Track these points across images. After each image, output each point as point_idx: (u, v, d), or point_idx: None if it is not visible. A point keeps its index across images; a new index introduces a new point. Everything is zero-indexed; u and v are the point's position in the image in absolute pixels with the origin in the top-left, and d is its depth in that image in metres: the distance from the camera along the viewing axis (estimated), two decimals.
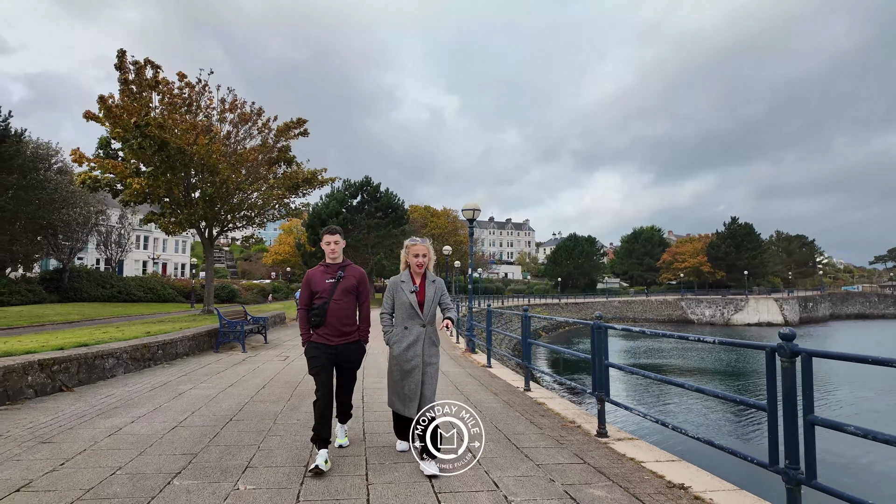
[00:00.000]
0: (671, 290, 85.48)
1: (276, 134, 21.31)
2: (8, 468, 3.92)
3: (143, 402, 6.31)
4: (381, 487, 3.59)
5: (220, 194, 18.59)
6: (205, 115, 20.04)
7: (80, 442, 4.63)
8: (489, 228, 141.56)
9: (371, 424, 5.33)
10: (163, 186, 18.11)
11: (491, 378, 8.47)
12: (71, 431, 4.97)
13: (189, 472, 3.86)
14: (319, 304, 4.07)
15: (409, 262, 4.17)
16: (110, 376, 7.81)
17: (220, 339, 11.73)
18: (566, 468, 4.06)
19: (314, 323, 4.06)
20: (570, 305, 66.95)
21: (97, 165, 18.83)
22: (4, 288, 28.43)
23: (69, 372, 6.90)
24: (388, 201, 45.15)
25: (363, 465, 4.07)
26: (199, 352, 11.15)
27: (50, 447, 4.46)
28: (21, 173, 29.56)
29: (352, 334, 4.16)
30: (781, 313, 68.46)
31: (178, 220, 19.24)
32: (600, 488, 3.62)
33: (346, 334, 4.11)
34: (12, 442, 4.60)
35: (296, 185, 21.00)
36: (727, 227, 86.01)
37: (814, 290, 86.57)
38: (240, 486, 3.60)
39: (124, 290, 38.35)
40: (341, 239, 4.22)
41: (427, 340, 4.07)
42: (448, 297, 4.28)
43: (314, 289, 4.13)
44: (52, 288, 33.89)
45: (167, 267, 73.72)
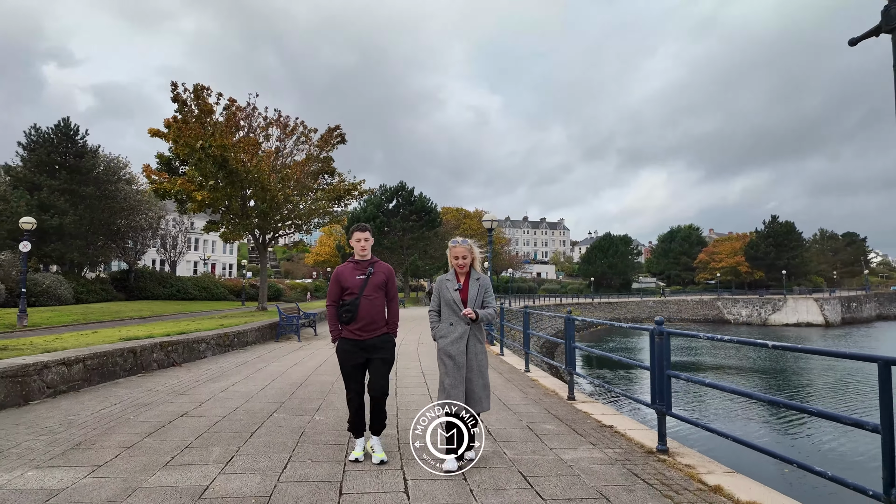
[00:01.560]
0: (708, 290, 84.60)
1: (318, 144, 23.70)
2: (168, 406, 6.11)
3: (234, 374, 8.53)
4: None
5: (272, 207, 21.12)
6: (254, 134, 22.60)
7: (205, 394, 6.83)
8: (523, 228, 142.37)
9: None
10: (222, 199, 20.76)
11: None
12: (195, 389, 7.18)
13: (281, 410, 5.96)
14: (350, 301, 4.11)
15: (452, 263, 4.28)
16: (203, 357, 10.13)
17: (279, 330, 14.08)
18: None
19: (345, 319, 4.12)
20: (604, 305, 67.47)
21: (164, 181, 21.66)
22: (83, 287, 32.02)
23: (178, 352, 9.22)
24: (422, 205, 47.48)
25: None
26: (264, 341, 13.50)
27: (187, 396, 6.66)
28: (96, 185, 33.18)
29: (381, 329, 4.21)
30: (822, 314, 67.01)
31: (235, 228, 21.89)
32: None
33: (377, 329, 4.17)
34: (161, 393, 6.83)
35: (338, 196, 23.38)
36: (767, 225, 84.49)
37: (859, 290, 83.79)
38: (316, 417, 5.66)
39: (182, 289, 41.88)
40: (371, 236, 4.28)
41: (472, 337, 4.12)
42: (492, 295, 4.30)
43: (344, 285, 4.17)
44: (120, 287, 37.59)
45: (216, 267, 78.25)
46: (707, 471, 4.17)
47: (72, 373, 6.68)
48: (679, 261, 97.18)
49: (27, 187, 30.33)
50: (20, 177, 31.01)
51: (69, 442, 4.60)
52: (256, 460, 4.20)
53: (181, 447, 4.50)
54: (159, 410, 5.84)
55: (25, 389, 5.96)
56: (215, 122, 20.61)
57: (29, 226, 16.81)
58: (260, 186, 20.28)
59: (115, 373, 7.56)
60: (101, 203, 33.29)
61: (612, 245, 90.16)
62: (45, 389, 6.25)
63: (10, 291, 26.56)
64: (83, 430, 4.97)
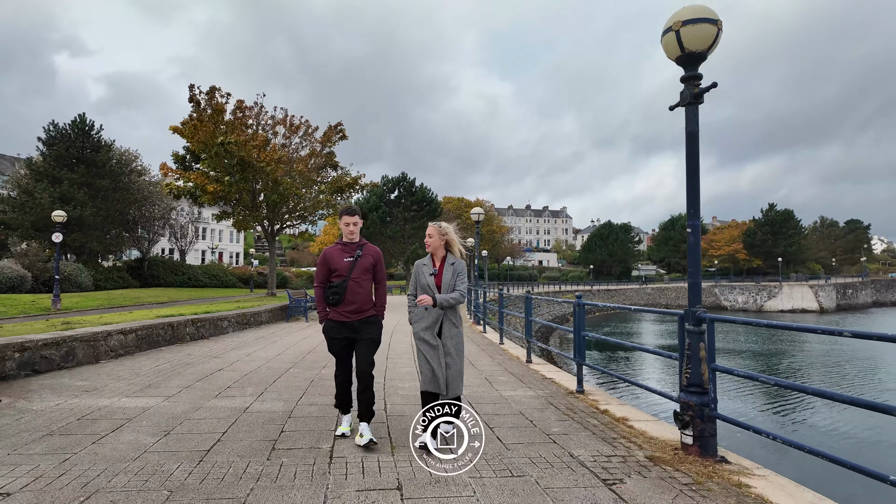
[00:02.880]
0: (706, 277, 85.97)
1: (320, 140, 25.29)
2: (206, 365, 7.78)
3: (254, 345, 10.21)
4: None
5: (282, 199, 22.81)
6: (262, 130, 24.20)
7: (233, 357, 8.50)
8: (526, 216, 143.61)
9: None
10: (235, 192, 22.41)
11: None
12: (224, 355, 8.86)
13: (295, 368, 7.61)
14: (338, 283, 4.10)
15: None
16: (225, 332, 11.82)
17: (289, 312, 15.77)
18: None
19: (332, 301, 4.11)
20: (602, 292, 68.88)
21: (180, 177, 23.35)
22: (101, 275, 33.89)
23: (205, 327, 10.91)
24: (423, 195, 49.11)
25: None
26: (276, 321, 15.20)
27: (219, 359, 8.33)
28: (111, 178, 34.89)
29: (368, 311, 4.20)
30: (817, 300, 68.31)
31: (246, 218, 23.58)
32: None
33: (364, 311, 4.16)
34: (199, 357, 8.50)
35: (340, 188, 25.02)
36: (764, 214, 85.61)
37: (855, 277, 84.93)
38: (322, 371, 7.32)
39: (192, 277, 43.78)
40: (360, 220, 4.27)
41: (446, 321, 4.10)
42: (464, 280, 4.22)
43: (332, 267, 4.16)
44: (135, 275, 39.48)
45: (223, 256, 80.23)
46: (605, 403, 5.79)
47: (127, 340, 8.36)
48: (679, 248, 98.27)
49: (49, 181, 32.07)
50: (41, 171, 32.74)
51: (142, 384, 6.28)
52: (279, 394, 5.86)
53: (223, 387, 6.16)
54: (201, 367, 7.51)
55: (96, 351, 7.64)
56: (227, 121, 22.19)
57: (60, 218, 18.50)
58: (271, 180, 21.93)
59: (157, 342, 9.24)
60: (116, 195, 35.02)
61: (613, 233, 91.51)
62: (109, 352, 7.93)
63: (36, 279, 28.43)
64: (149, 378, 6.65)
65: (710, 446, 3.90)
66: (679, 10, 3.97)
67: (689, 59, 4.00)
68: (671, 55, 4.07)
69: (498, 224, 71.62)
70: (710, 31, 3.85)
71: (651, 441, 4.34)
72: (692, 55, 3.96)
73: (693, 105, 4.08)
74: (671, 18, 3.98)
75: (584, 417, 5.11)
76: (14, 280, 26.17)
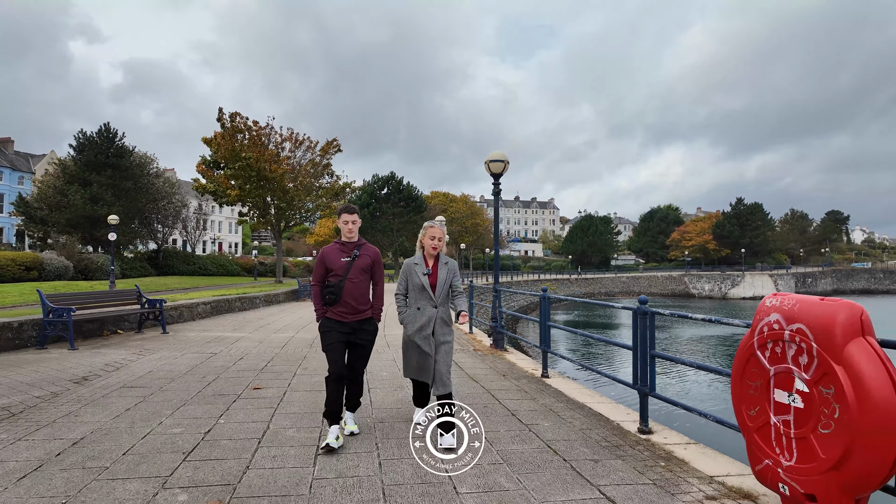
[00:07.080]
0: (678, 267, 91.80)
1: (320, 153, 30.32)
2: (258, 322, 12.93)
3: (280, 313, 15.36)
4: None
5: (290, 206, 27.96)
6: (273, 146, 29.22)
7: (270, 319, 13.68)
8: (514, 207, 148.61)
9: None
10: (251, 198, 27.50)
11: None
12: (264, 318, 14.00)
13: (312, 323, 12.76)
14: (335, 283, 4.08)
15: (425, 243, 4.23)
16: (257, 307, 16.96)
17: (299, 294, 20.93)
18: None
19: (329, 300, 4.07)
20: (581, 280, 74.34)
21: (207, 178, 28.40)
22: (126, 265, 38.83)
23: (246, 302, 16.04)
24: (409, 193, 54.33)
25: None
26: (289, 300, 20.36)
27: (263, 319, 13.51)
28: (133, 179, 39.69)
29: (365, 312, 4.17)
30: (775, 288, 74.06)
31: (259, 220, 28.72)
32: None
33: (360, 312, 4.13)
34: (250, 318, 13.64)
35: (335, 193, 30.17)
36: (733, 207, 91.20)
37: (816, 267, 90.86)
38: None
39: (202, 266, 48.69)
40: (358, 218, 4.21)
41: (439, 321, 4.13)
42: (459, 280, 4.31)
43: (329, 266, 4.13)
44: (152, 264, 44.39)
45: (222, 246, 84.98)
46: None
47: (207, 308, 13.49)
48: (657, 239, 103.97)
49: (80, 183, 36.85)
50: (73, 174, 37.51)
51: (232, 327, 11.43)
52: (307, 332, 11.02)
53: (275, 329, 11.32)
54: (256, 323, 12.66)
55: (192, 314, 12.78)
56: (244, 139, 27.26)
57: (115, 221, 23.44)
58: (281, 190, 27.02)
59: (221, 311, 14.38)
60: (137, 194, 39.85)
61: (593, 225, 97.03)
62: (198, 315, 13.07)
63: (75, 268, 33.38)
64: (233, 325, 11.79)
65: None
66: (490, 153, 9.09)
67: (494, 176, 9.14)
68: (489, 171, 9.18)
69: (482, 216, 76.73)
70: (502, 164, 8.99)
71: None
72: (495, 175, 9.10)
73: (497, 196, 9.23)
74: (487, 158, 9.10)
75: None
76: (60, 269, 31.08)
